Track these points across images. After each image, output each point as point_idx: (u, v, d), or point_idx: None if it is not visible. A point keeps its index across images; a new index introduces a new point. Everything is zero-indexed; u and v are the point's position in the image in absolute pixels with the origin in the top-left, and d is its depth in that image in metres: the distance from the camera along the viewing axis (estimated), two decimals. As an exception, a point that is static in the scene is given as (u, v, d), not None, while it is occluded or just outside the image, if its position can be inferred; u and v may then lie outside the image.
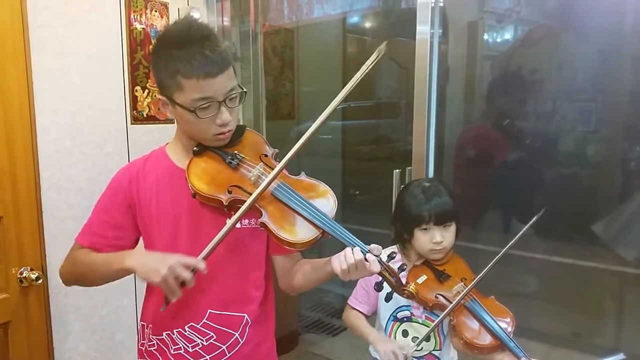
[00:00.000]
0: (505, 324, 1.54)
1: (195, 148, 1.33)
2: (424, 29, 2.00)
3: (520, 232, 1.58)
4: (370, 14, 4.17)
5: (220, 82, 1.22)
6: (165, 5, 2.39)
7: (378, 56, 1.21)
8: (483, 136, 3.01)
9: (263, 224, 1.22)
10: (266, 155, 1.35)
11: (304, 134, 1.23)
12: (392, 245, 1.75)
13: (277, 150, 1.39)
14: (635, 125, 2.67)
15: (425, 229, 1.61)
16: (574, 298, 2.78)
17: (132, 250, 1.36)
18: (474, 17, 3.11)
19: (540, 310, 2.83)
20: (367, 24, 4.27)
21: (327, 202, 1.27)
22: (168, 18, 2.40)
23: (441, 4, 2.03)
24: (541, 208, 1.60)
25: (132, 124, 2.28)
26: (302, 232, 1.21)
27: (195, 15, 2.47)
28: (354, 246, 1.19)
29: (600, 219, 2.60)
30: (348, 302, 1.75)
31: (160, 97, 1.29)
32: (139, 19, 2.28)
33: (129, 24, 2.24)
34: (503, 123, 2.88)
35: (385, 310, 1.68)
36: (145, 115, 2.32)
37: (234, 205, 1.25)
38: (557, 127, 2.87)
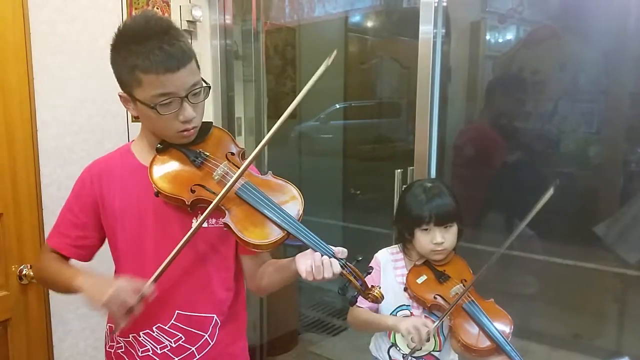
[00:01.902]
0: (502, 328, 1.53)
1: (158, 145, 1.30)
2: (427, 29, 1.99)
3: (516, 231, 1.55)
4: (372, 13, 4.17)
5: (181, 77, 1.18)
6: (167, 3, 2.38)
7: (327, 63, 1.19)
8: (485, 136, 3.00)
9: (226, 225, 1.19)
10: (232, 154, 1.32)
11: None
12: (395, 244, 1.74)
13: (244, 148, 1.36)
14: (637, 126, 2.67)
15: (426, 229, 1.60)
16: (574, 299, 2.77)
17: (88, 271, 1.30)
18: (476, 17, 3.10)
19: (541, 312, 2.82)
20: (369, 23, 4.26)
21: (293, 203, 1.24)
22: (170, 15, 2.39)
23: (444, 4, 2.02)
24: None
25: (132, 121, 2.26)
26: (265, 234, 1.18)
27: (197, 13, 2.46)
28: (319, 248, 1.17)
29: (601, 220, 2.59)
30: None
31: (121, 94, 1.27)
32: (140, 16, 2.27)
33: (131, 21, 2.23)
34: (507, 127, 2.87)
35: (385, 310, 1.67)
36: (146, 113, 2.31)
37: (197, 205, 1.23)
38: (559, 128, 2.86)
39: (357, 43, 4.31)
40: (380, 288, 1.21)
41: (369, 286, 1.20)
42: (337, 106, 4.19)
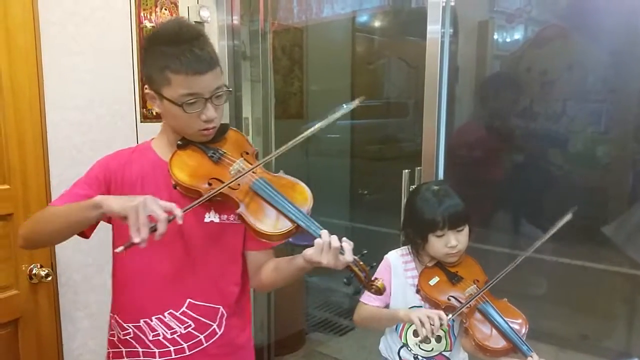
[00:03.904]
0: (517, 327, 1.53)
1: (179, 142, 1.38)
2: (434, 28, 1.99)
3: (540, 240, 1.54)
4: (379, 13, 4.16)
5: (208, 80, 1.27)
6: (175, 4, 2.39)
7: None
8: (491, 136, 2.99)
9: (240, 216, 1.27)
10: (247, 153, 1.41)
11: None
12: (404, 246, 1.74)
13: (257, 150, 1.45)
14: (646, 126, 2.65)
15: (441, 235, 1.59)
16: (583, 300, 2.76)
17: None
18: (484, 17, 3.09)
19: (549, 312, 2.81)
20: (377, 23, 4.25)
21: (303, 199, 1.32)
22: (178, 16, 2.40)
23: (452, 4, 2.02)
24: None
25: (141, 122, 2.28)
26: (277, 225, 1.27)
27: (205, 13, 2.47)
28: None
29: (610, 220, 2.58)
30: (360, 300, 1.72)
31: (147, 91, 1.34)
32: (148, 17, 2.28)
33: (139, 22, 2.25)
34: (513, 126, 2.87)
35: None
36: (154, 114, 2.32)
37: (213, 197, 1.28)
38: (567, 127, 2.85)
39: (365, 43, 4.30)
40: (383, 280, 1.25)
41: (372, 278, 1.26)
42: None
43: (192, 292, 1.40)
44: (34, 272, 1.92)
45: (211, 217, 1.38)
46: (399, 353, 1.70)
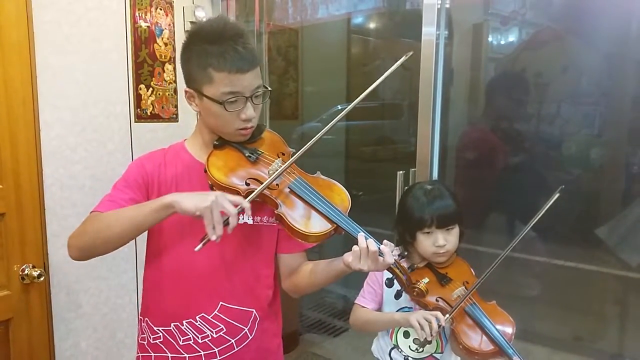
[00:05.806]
0: (505, 330, 1.53)
1: (215, 142, 1.36)
2: (429, 31, 2.00)
3: (520, 235, 1.56)
4: (375, 14, 4.16)
5: (249, 79, 1.27)
6: (170, 4, 2.38)
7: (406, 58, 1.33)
8: (486, 138, 3.00)
9: (279, 216, 1.24)
10: (284, 154, 1.39)
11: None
12: (396, 247, 1.74)
13: (294, 150, 1.41)
14: (639, 129, 2.66)
15: (428, 232, 1.59)
16: (576, 302, 2.76)
17: None
18: (479, 19, 3.10)
19: (542, 314, 2.82)
20: (372, 25, 4.26)
21: (341, 200, 1.31)
22: (173, 16, 2.40)
23: (447, 6, 2.03)
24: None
25: (135, 121, 2.27)
26: (316, 225, 1.24)
27: (200, 14, 2.46)
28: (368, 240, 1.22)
29: (603, 223, 2.59)
30: (356, 302, 1.72)
31: (187, 89, 1.33)
32: (143, 17, 2.28)
33: (134, 22, 2.24)
34: (508, 129, 2.87)
35: (387, 311, 1.67)
36: (148, 114, 2.32)
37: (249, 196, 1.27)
38: (561, 130, 2.86)
39: (360, 44, 4.31)
40: (424, 283, 1.23)
41: (413, 281, 1.24)
42: (339, 107, 4.19)
43: (225, 295, 1.38)
44: (26, 272, 1.91)
45: (245, 218, 1.35)
46: (390, 354, 1.70)
